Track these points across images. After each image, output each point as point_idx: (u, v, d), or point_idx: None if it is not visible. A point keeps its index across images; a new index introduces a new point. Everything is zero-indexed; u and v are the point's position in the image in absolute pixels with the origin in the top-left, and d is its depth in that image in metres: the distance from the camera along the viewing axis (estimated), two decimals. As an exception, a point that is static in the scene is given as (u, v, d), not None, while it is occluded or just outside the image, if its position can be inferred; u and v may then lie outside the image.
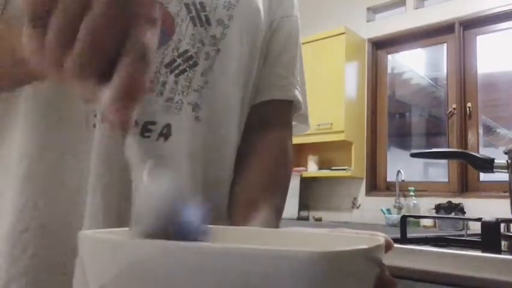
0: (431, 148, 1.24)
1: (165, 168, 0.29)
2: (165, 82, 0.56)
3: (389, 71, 3.47)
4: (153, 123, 0.54)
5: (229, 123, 0.63)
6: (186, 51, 0.57)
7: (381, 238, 0.33)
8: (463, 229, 2.36)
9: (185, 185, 0.56)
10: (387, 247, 0.35)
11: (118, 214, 0.51)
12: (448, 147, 2.98)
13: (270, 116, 0.70)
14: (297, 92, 0.71)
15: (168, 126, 0.56)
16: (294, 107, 0.72)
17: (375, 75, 3.45)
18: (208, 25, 0.59)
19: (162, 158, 0.54)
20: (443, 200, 2.80)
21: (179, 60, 0.57)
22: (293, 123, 0.75)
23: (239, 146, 0.66)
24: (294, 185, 3.17)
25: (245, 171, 0.64)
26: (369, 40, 3.43)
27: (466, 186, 2.89)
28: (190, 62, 0.58)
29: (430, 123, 3.51)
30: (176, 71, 0.57)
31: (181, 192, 0.29)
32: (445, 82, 3.15)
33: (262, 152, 0.67)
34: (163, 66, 0.56)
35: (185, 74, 0.57)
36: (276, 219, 0.62)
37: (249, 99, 0.67)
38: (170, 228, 0.28)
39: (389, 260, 0.33)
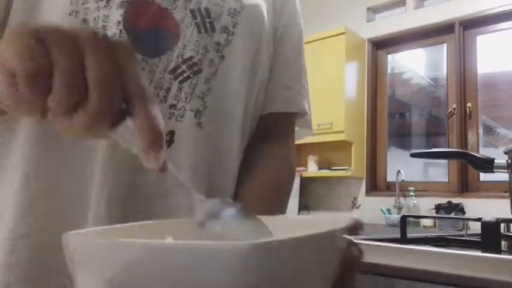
0: (431, 148, 1.24)
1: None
2: (169, 89, 0.56)
3: (389, 71, 3.47)
4: None
5: (230, 131, 0.62)
6: (191, 57, 0.57)
7: (339, 224, 0.32)
8: (463, 229, 2.36)
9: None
10: (356, 228, 0.36)
11: (122, 220, 0.51)
12: (448, 147, 2.98)
13: (276, 127, 0.71)
14: (304, 102, 0.72)
15: (171, 133, 0.55)
16: (298, 113, 0.73)
17: (375, 75, 3.45)
18: (212, 32, 0.59)
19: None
20: (443, 200, 2.80)
21: (183, 67, 0.57)
22: (296, 128, 0.75)
23: (245, 155, 0.66)
24: (294, 185, 3.16)
25: (250, 178, 0.64)
26: (369, 40, 3.43)
27: (466, 186, 2.89)
28: (195, 69, 0.57)
29: (430, 123, 3.51)
30: (180, 78, 0.56)
31: None
32: (445, 82, 3.15)
33: (268, 160, 0.67)
34: (167, 73, 0.56)
35: (189, 80, 0.57)
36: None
37: (254, 109, 0.67)
38: None
39: (389, 260, 0.34)
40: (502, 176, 1.08)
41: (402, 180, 2.99)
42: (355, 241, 0.36)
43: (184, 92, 0.57)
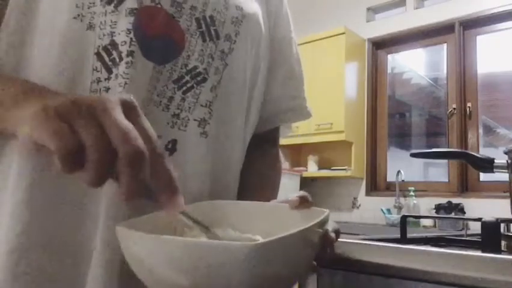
0: (431, 148, 1.24)
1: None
2: (172, 98, 0.56)
3: (389, 71, 3.47)
4: (158, 136, 0.53)
5: (234, 136, 0.63)
6: (195, 67, 0.57)
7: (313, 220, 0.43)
8: (463, 229, 2.36)
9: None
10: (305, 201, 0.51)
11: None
12: (448, 147, 2.98)
13: (271, 131, 0.76)
14: (308, 108, 0.78)
15: (174, 141, 0.55)
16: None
17: (375, 75, 3.45)
18: (217, 39, 0.59)
19: None
20: (443, 200, 2.80)
21: (187, 77, 0.57)
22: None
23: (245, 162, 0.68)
24: (294, 185, 3.17)
25: (247, 182, 0.68)
26: (369, 40, 3.43)
27: (466, 186, 2.89)
28: (198, 79, 0.58)
29: (430, 123, 3.51)
30: (184, 88, 0.57)
31: None
32: (445, 82, 3.15)
33: (261, 162, 0.73)
34: (171, 82, 0.55)
35: (193, 90, 0.57)
36: None
37: (253, 114, 0.68)
38: None
39: (389, 260, 0.34)
40: (502, 176, 1.07)
41: (402, 180, 2.99)
42: (333, 226, 0.50)
43: (188, 102, 0.57)
